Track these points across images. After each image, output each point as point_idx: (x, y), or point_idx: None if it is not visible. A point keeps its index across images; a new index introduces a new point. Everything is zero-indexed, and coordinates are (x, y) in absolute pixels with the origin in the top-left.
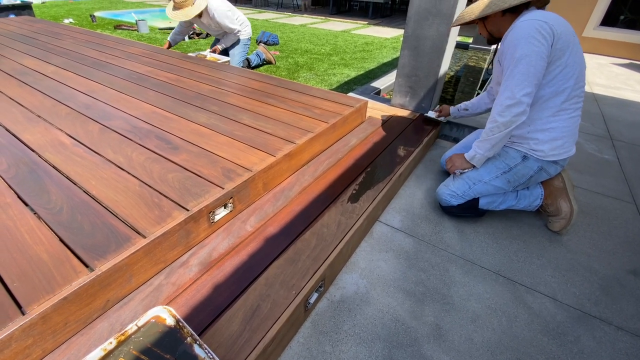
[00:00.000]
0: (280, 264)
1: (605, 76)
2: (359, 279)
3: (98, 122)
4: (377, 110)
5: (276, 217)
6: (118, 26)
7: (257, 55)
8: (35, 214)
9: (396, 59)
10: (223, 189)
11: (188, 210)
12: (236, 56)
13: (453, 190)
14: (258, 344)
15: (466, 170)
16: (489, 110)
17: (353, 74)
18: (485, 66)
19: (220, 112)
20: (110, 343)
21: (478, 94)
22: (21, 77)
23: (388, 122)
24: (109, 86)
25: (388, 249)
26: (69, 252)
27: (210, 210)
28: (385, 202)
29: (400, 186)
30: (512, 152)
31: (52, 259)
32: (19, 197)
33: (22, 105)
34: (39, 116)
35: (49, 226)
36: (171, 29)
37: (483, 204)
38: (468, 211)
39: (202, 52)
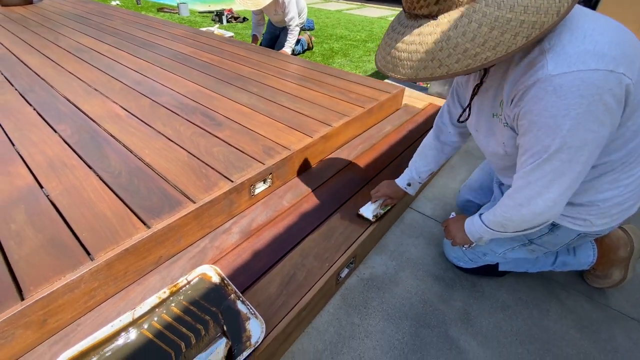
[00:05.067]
0: (315, 238)
1: None
2: (389, 260)
3: (148, 97)
4: (413, 98)
5: (311, 196)
6: (160, 9)
7: (301, 44)
8: (97, 176)
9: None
10: (264, 164)
11: (232, 181)
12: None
13: (459, 255)
14: (294, 307)
15: (472, 245)
16: (455, 152)
17: None
18: (461, 116)
19: (260, 94)
20: (164, 292)
21: None
22: (78, 54)
23: (424, 111)
24: (156, 65)
25: (418, 234)
26: (129, 210)
27: (252, 183)
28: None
29: (434, 175)
30: None
31: (115, 216)
32: (82, 160)
33: (80, 79)
34: (96, 89)
35: (110, 187)
36: (211, 12)
37: (504, 268)
38: (484, 273)
39: (210, 28)
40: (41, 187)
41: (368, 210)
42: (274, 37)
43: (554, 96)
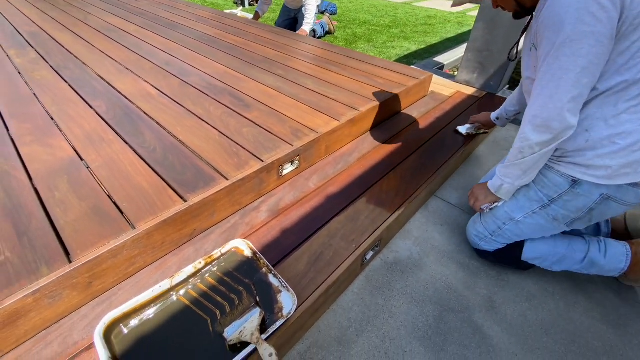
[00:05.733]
0: (341, 220)
1: None
2: (413, 246)
3: (178, 77)
4: (440, 85)
5: (336, 179)
6: None
7: (322, 26)
8: (134, 150)
9: (461, 35)
10: (292, 145)
11: (263, 161)
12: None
13: (479, 231)
14: (322, 284)
15: (495, 204)
16: None
17: (413, 47)
18: (512, 51)
19: (286, 76)
20: (200, 263)
21: None
22: (108, 34)
23: (451, 99)
24: (183, 46)
25: (443, 222)
26: (165, 184)
27: (280, 164)
28: (443, 177)
29: (460, 164)
30: (553, 176)
31: (153, 189)
32: (118, 135)
33: (112, 58)
34: (127, 68)
35: (146, 162)
36: None
37: (529, 256)
38: (507, 262)
39: (233, 10)
40: (81, 159)
41: (463, 128)
42: (289, 20)
43: (561, 0)
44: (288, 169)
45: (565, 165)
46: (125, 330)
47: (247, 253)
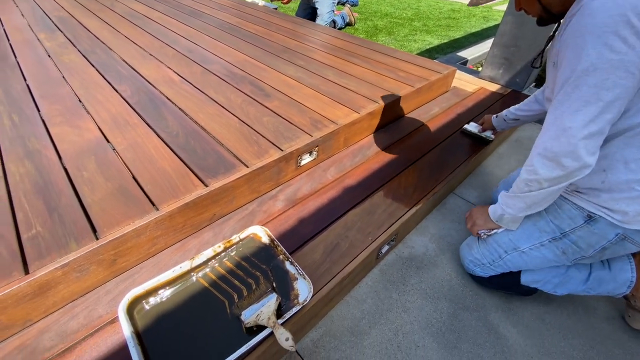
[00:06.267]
0: (358, 212)
1: None
2: (429, 242)
3: (200, 64)
4: (462, 81)
5: (354, 172)
6: None
7: (342, 17)
8: (157, 135)
9: (486, 30)
10: (311, 136)
11: (282, 150)
12: (324, 16)
13: (476, 258)
14: (337, 274)
15: (494, 231)
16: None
17: (436, 41)
18: (536, 59)
19: (306, 67)
20: (219, 246)
21: None
22: (132, 20)
23: (474, 95)
24: (205, 33)
25: (461, 220)
26: (187, 169)
27: (299, 154)
28: (463, 175)
29: (480, 162)
30: (568, 208)
31: (175, 173)
32: (143, 119)
33: (136, 44)
34: (151, 54)
35: (169, 146)
36: None
37: (528, 279)
38: (506, 287)
39: (254, 0)
40: (108, 141)
41: (471, 127)
42: (309, 9)
43: (587, 18)
44: (306, 159)
45: (581, 198)
46: (147, 307)
47: (265, 240)
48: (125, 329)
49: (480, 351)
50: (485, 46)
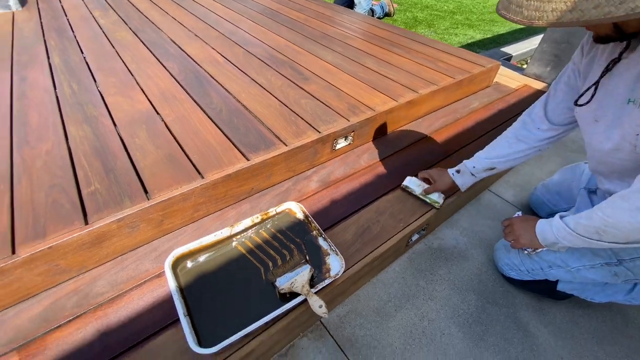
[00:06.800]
0: (390, 199)
1: None
2: (460, 236)
3: (242, 46)
4: (505, 77)
5: (388, 160)
6: None
7: (382, 7)
8: (202, 110)
9: (533, 27)
10: (349, 121)
11: (320, 132)
12: (363, 4)
13: (514, 263)
14: (367, 255)
15: (539, 250)
16: (526, 158)
17: (478, 36)
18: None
19: (344, 53)
20: (257, 217)
21: None
22: (179, 2)
23: (517, 92)
24: (247, 17)
25: (494, 217)
26: (230, 143)
27: (335, 137)
28: (500, 172)
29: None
30: None
31: (219, 146)
32: (189, 95)
33: (182, 25)
34: (196, 35)
35: (213, 121)
36: None
37: (566, 288)
38: (538, 290)
39: None
40: (157, 112)
41: (411, 182)
42: None
43: None
44: (341, 143)
45: None
46: (189, 266)
47: (299, 215)
48: (171, 283)
49: (507, 346)
50: (532, 43)
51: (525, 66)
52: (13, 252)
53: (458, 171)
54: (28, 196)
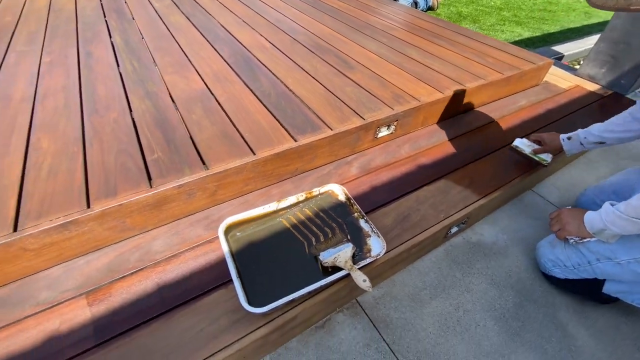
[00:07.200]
0: (431, 189)
1: None
2: (500, 233)
3: (288, 34)
4: (556, 76)
5: (429, 151)
6: None
7: (425, 0)
8: (252, 92)
9: (588, 26)
10: (393, 109)
11: (364, 119)
12: None
13: (559, 258)
14: (406, 241)
15: (585, 240)
16: (638, 138)
17: (526, 34)
18: None
19: (388, 44)
20: (302, 195)
21: None
22: None
23: (568, 92)
24: (292, 6)
25: (537, 217)
26: (279, 124)
27: (378, 125)
28: (545, 173)
29: (567, 163)
30: None
31: (269, 126)
32: (240, 77)
33: (231, 11)
34: (245, 22)
35: (263, 103)
36: None
37: (612, 290)
38: (581, 291)
39: None
40: (211, 92)
41: (521, 143)
42: None
43: None
44: (383, 132)
45: None
46: (238, 235)
47: (341, 197)
48: (224, 247)
49: (544, 344)
50: (585, 43)
51: (577, 67)
52: (88, 206)
53: (569, 138)
54: (99, 158)
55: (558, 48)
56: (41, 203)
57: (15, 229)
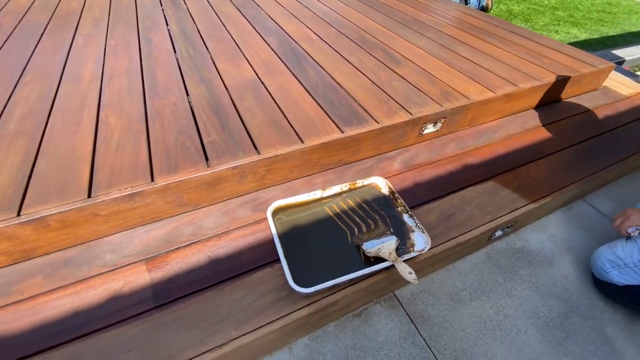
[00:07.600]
0: (478, 190)
1: None
2: (547, 241)
3: (334, 27)
4: (615, 82)
5: (476, 151)
6: None
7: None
8: (300, 83)
9: None
10: (441, 106)
11: (411, 114)
12: None
13: (619, 257)
14: (450, 240)
15: None
16: None
17: (583, 36)
18: None
19: (437, 40)
20: (346, 186)
21: None
22: None
23: (629, 99)
24: None
25: (587, 228)
26: (326, 115)
27: (425, 121)
28: (600, 182)
29: (624, 174)
30: None
31: (316, 116)
32: (288, 68)
33: (279, 4)
34: (292, 14)
35: (310, 94)
36: None
37: None
38: (636, 302)
39: None
40: (261, 81)
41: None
42: None
43: None
44: (429, 129)
45: None
46: (284, 218)
47: (384, 191)
48: (272, 228)
49: (589, 357)
50: None
51: None
52: (152, 179)
53: None
54: (161, 137)
55: (618, 52)
56: (111, 174)
57: (89, 196)
